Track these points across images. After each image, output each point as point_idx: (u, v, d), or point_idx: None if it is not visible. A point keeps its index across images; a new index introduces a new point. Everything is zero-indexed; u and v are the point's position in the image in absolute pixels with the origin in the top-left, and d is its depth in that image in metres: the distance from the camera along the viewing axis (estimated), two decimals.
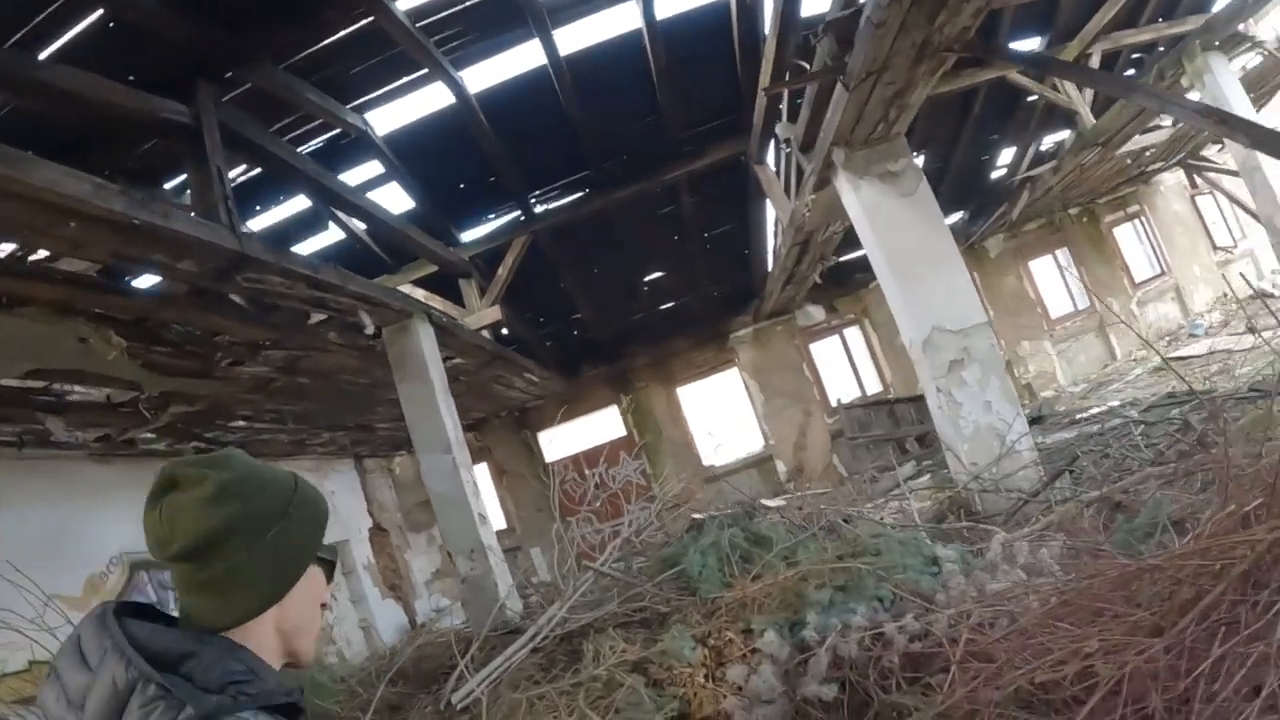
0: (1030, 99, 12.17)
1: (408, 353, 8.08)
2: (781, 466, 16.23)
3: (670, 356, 16.53)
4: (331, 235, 10.07)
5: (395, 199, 9.64)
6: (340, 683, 6.72)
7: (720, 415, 16.53)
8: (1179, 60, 9.39)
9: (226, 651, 1.27)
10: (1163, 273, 17.68)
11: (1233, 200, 16.80)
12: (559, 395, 15.49)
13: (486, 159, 9.48)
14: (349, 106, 7.74)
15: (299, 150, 7.64)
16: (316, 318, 7.98)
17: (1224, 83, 9.15)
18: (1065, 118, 12.41)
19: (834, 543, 5.81)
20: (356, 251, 10.10)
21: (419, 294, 10.63)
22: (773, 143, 10.40)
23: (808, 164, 8.52)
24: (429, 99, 8.32)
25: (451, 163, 9.48)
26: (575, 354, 16.02)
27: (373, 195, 9.00)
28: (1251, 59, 10.72)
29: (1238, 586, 2.52)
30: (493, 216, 11.20)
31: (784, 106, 9.17)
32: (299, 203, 9.05)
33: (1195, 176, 17.59)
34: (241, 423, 10.09)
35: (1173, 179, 18.01)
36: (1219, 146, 16.10)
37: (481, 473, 15.66)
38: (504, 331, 12.63)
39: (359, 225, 9.70)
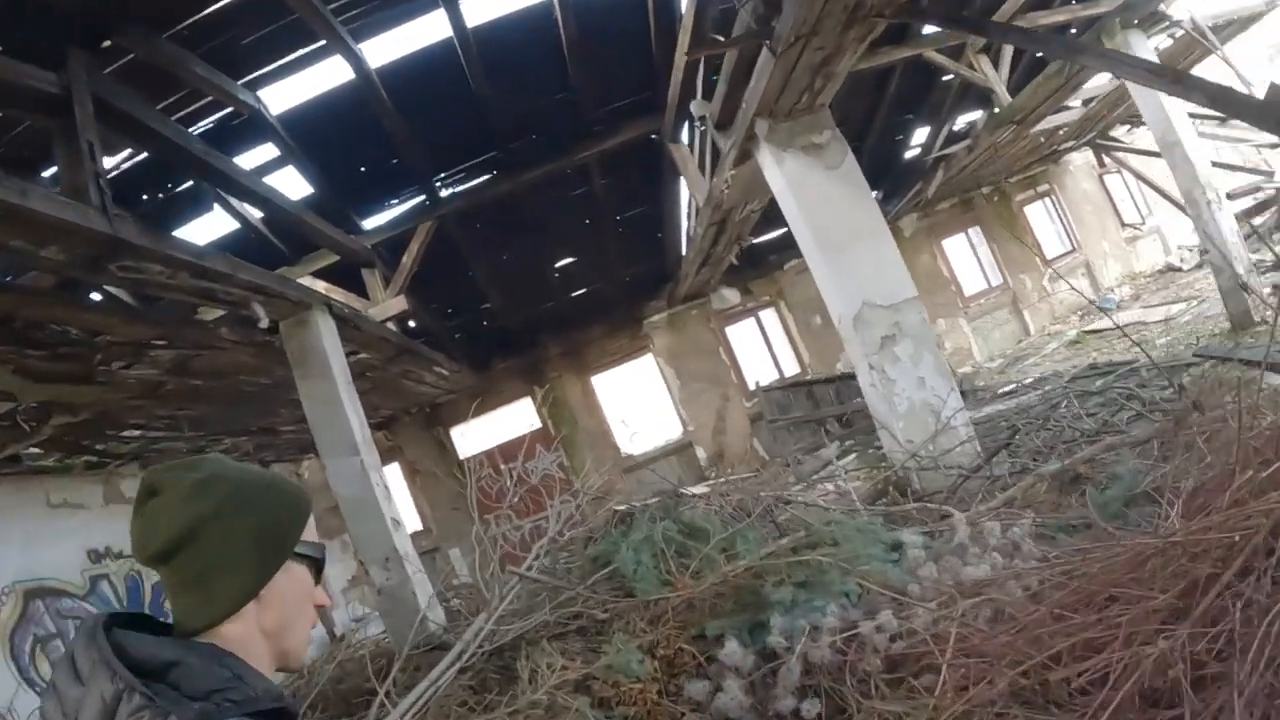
0: (946, 78, 12.11)
1: (308, 347, 7.51)
2: (701, 452, 15.95)
3: (584, 345, 16.11)
4: (224, 225, 9.37)
5: (292, 185, 8.98)
6: None
7: (637, 403, 16.18)
8: (1098, 38, 9.38)
9: (213, 658, 1.26)
10: (1073, 249, 18.02)
11: (1140, 179, 17.35)
12: (470, 389, 14.99)
13: (388, 140, 8.90)
14: (240, 82, 7.09)
15: (193, 129, 7.05)
16: (211, 313, 7.39)
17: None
18: (980, 97, 12.38)
19: (773, 530, 5.54)
20: (251, 242, 9.42)
21: (320, 286, 10.01)
22: (687, 122, 10.07)
23: (725, 140, 8.23)
24: (327, 74, 7.74)
25: (351, 144, 8.88)
26: (486, 345, 15.51)
27: (267, 181, 8.36)
28: (1163, 40, 10.75)
29: (1255, 559, 2.26)
30: (396, 202, 10.60)
31: (699, 83, 8.86)
32: (190, 192, 8.39)
33: (1103, 156, 17.95)
34: (135, 431, 9.38)
35: (1080, 159, 18.44)
36: (1127, 127, 16.60)
37: (393, 473, 15.20)
38: (411, 324, 12.07)
39: (254, 214, 9.06)
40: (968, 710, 2.39)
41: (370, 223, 10.59)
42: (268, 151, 8.36)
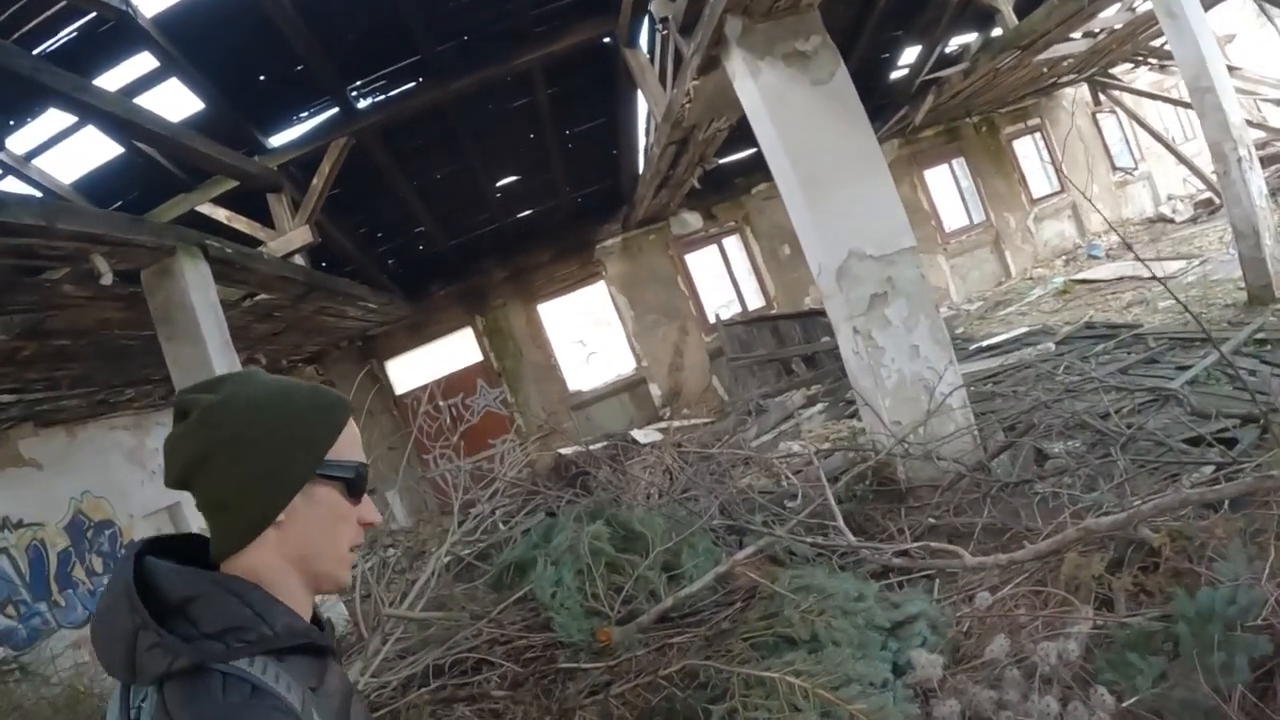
0: None
1: (172, 303, 6.06)
2: (656, 390, 14.68)
3: (530, 270, 14.61)
4: (108, 150, 7.83)
5: (181, 100, 7.47)
6: None
7: (587, 335, 15.05)
8: None
9: (233, 593, 1.23)
10: (1061, 190, 16.80)
11: (1136, 120, 16.44)
12: (406, 319, 13.69)
13: (289, 42, 7.34)
14: None
15: (47, 45, 5.71)
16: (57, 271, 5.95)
17: None
18: (980, 16, 11.09)
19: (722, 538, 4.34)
20: (141, 168, 7.97)
21: (221, 215, 8.64)
22: (646, 23, 8.64)
23: (689, 45, 6.81)
24: None
25: (246, 49, 7.32)
26: (422, 272, 14.05)
27: (149, 97, 6.90)
28: None
29: None
30: (306, 115, 8.98)
31: None
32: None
33: (1100, 94, 16.78)
34: (8, 397, 7.96)
35: (1074, 94, 17.33)
36: (1130, 65, 15.81)
37: None
38: (337, 251, 10.66)
39: None
40: None
41: (279, 139, 9.04)
42: (145, 62, 6.82)
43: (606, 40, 9.23)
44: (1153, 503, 3.19)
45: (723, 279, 15.42)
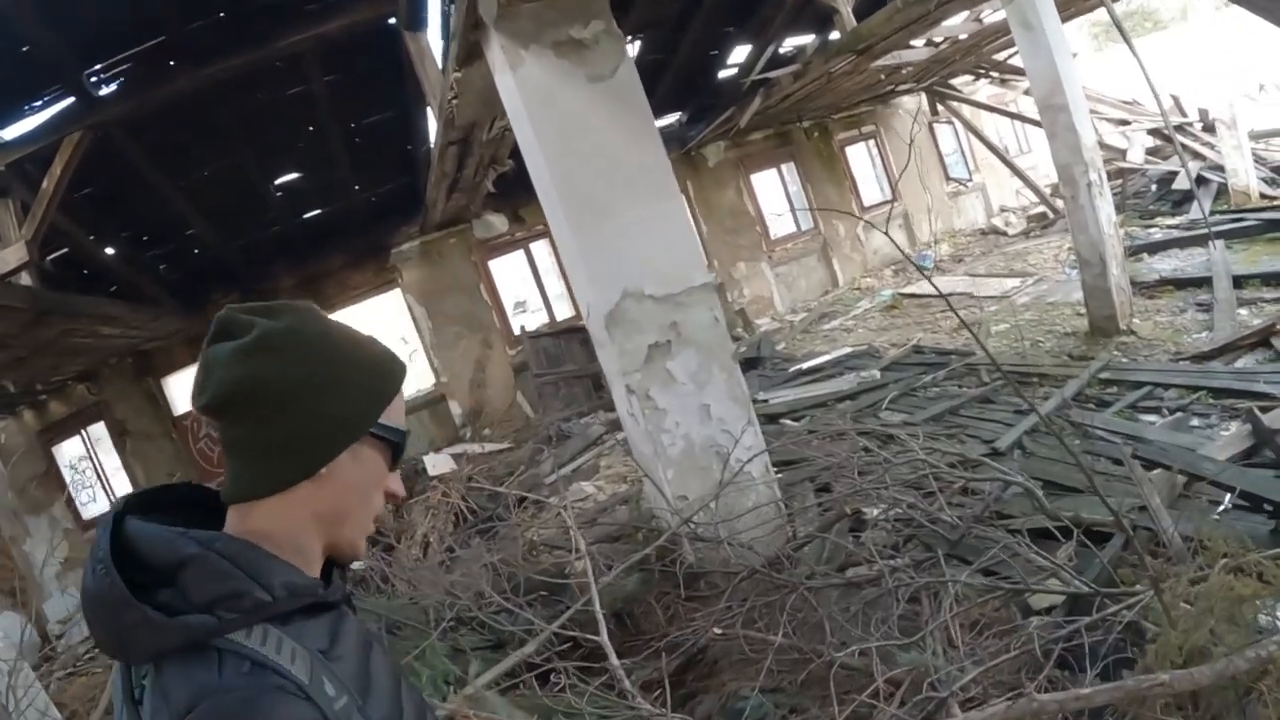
0: None
1: None
2: (457, 408, 13.27)
3: (320, 278, 13.02)
4: None
5: None
6: None
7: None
8: None
9: (225, 555, 1.08)
10: (892, 199, 16.54)
11: (973, 132, 16.45)
12: (183, 332, 11.99)
13: (10, 16, 6.04)
14: None
15: None
16: None
17: None
18: (818, 18, 10.57)
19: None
20: None
21: None
22: (439, 5, 7.50)
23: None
24: None
25: None
26: (201, 280, 12.39)
27: None
28: None
29: None
30: (39, 105, 7.48)
31: None
32: None
33: (938, 105, 16.58)
34: None
35: (911, 103, 17.34)
36: (972, 77, 15.97)
37: (100, 434, 12.79)
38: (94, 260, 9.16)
39: None
40: None
41: (10, 133, 7.55)
42: None
43: (392, 21, 8.01)
44: (991, 711, 2.22)
45: (529, 286, 14.25)
